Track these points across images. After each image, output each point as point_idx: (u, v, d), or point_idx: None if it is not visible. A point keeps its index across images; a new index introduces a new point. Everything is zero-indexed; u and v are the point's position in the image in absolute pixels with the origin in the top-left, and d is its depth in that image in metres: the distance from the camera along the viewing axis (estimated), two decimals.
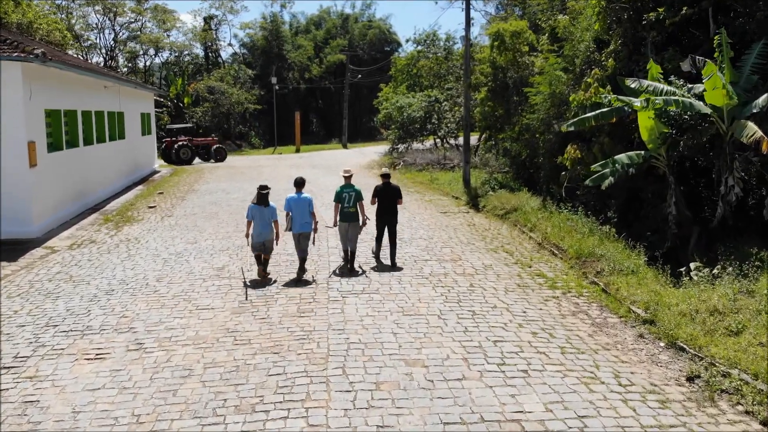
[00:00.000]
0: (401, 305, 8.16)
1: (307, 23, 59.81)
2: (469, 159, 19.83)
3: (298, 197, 9.66)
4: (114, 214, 16.14)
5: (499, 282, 9.48)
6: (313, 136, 53.43)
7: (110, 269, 10.41)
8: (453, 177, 22.30)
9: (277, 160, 34.71)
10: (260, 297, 8.61)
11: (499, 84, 18.89)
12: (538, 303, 8.57)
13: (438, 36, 36.34)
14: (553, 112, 16.24)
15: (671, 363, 6.88)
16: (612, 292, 9.02)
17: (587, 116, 12.37)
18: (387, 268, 10.20)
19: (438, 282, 9.34)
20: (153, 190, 20.95)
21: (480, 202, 16.85)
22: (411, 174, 25.21)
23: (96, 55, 46.77)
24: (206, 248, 11.87)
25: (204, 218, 15.34)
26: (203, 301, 8.43)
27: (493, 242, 12.42)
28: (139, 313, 8.00)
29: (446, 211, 16.29)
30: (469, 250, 11.67)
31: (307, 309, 8.01)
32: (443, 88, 32.96)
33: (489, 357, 6.54)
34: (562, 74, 16.04)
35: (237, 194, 19.56)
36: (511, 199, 15.71)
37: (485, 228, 13.99)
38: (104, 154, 19.41)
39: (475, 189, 18.53)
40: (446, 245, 12.07)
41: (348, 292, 8.76)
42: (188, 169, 29.40)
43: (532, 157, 18.59)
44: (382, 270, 10.08)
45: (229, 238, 12.77)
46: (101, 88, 19.38)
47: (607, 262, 10.02)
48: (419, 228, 13.82)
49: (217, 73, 46.11)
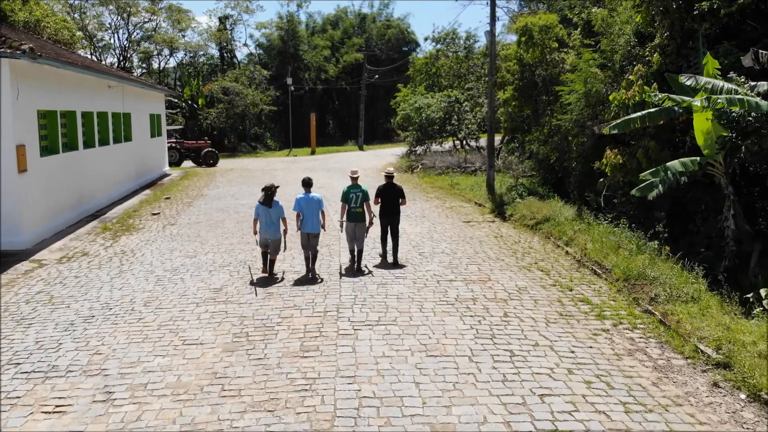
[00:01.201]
0: (424, 342, 6.87)
1: (323, 23, 58.74)
2: (493, 163, 18.47)
3: (308, 197, 9.69)
4: (114, 222, 15.10)
5: (538, 310, 8.15)
6: (329, 138, 52.29)
7: (96, 289, 9.29)
8: (475, 182, 20.94)
9: (291, 162, 33.64)
10: (259, 327, 7.38)
11: (527, 82, 17.52)
12: (587, 338, 7.23)
13: (458, 34, 35.04)
14: (588, 113, 14.84)
15: (759, 422, 5.53)
16: (672, 324, 7.64)
17: (633, 117, 10.96)
18: (399, 279, 8.95)
19: (466, 310, 8.03)
20: (160, 195, 19.95)
21: (507, 211, 15.49)
22: (430, 178, 23.90)
23: (111, 56, 46.26)
24: (206, 264, 10.71)
25: (208, 227, 14.22)
26: (192, 333, 7.22)
27: (524, 258, 11.08)
28: (117, 349, 6.83)
29: (470, 221, 14.97)
30: (498, 267, 10.34)
31: (312, 346, 6.75)
32: (463, 88, 31.61)
33: (537, 420, 5.22)
34: (598, 71, 14.63)
35: (246, 200, 18.45)
36: (542, 207, 14.33)
37: (514, 240, 12.65)
38: (108, 157, 18.42)
39: (500, 195, 17.17)
40: (472, 261, 10.77)
41: (361, 323, 7.48)
42: (200, 172, 28.44)
43: (562, 161, 17.19)
44: (399, 292, 8.82)
45: (233, 252, 11.61)
46: (105, 87, 18.40)
47: (661, 286, 8.64)
48: (441, 240, 12.52)
49: (232, 74, 45.13)
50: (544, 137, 17.35)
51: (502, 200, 16.57)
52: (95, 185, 17.05)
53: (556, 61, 17.63)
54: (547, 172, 19.60)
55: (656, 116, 10.85)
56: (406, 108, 31.12)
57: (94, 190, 17.02)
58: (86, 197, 16.24)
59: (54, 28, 26.99)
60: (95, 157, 17.19)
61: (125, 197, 19.45)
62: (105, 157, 18.15)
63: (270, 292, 8.86)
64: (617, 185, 13.34)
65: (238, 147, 44.17)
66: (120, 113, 20.09)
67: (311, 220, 9.58)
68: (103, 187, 17.80)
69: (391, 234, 10.53)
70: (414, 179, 24.44)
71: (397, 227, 10.55)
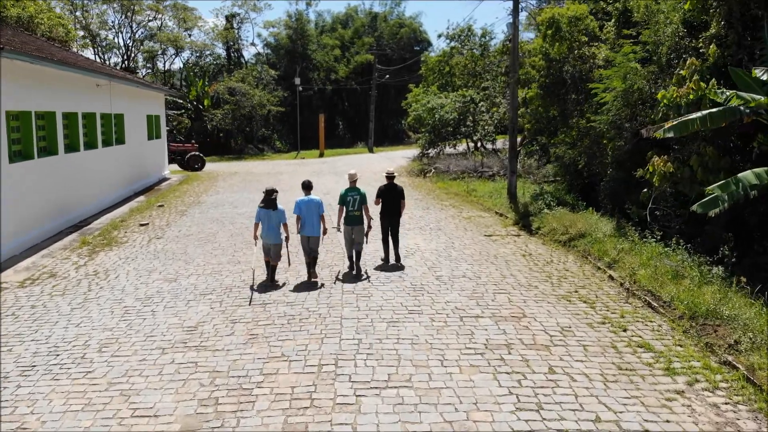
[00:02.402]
0: (449, 417, 5.19)
1: (333, 22, 57.16)
2: (515, 168, 16.73)
3: (308, 200, 9.47)
4: (95, 235, 13.59)
5: (590, 361, 6.46)
6: (339, 140, 50.64)
7: (50, 325, 7.74)
8: (494, 188, 19.22)
9: (298, 165, 32.08)
10: (233, 390, 5.71)
11: (554, 79, 15.77)
12: (659, 407, 5.54)
13: (473, 31, 33.25)
14: (626, 113, 13.11)
15: None
16: (763, 384, 5.93)
17: (691, 118, 9.25)
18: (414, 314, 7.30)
19: (500, 363, 6.35)
20: (154, 202, 18.46)
21: (533, 222, 13.78)
22: (444, 183, 22.20)
23: (115, 56, 45.04)
24: (185, 290, 9.12)
25: (198, 242, 12.67)
26: (147, 397, 5.60)
27: (561, 284, 9.39)
28: (46, 421, 5.23)
29: (492, 234, 13.28)
30: (532, 297, 8.66)
31: (300, 423, 5.10)
32: (479, 88, 29.87)
33: None
34: (638, 66, 12.90)
35: (245, 208, 16.91)
36: (575, 220, 12.60)
37: (546, 260, 10.96)
38: (96, 161, 16.94)
39: (525, 205, 15.45)
40: (500, 288, 9.09)
41: (365, 384, 5.79)
42: (201, 176, 26.96)
43: (591, 166, 15.46)
44: (414, 335, 7.17)
45: (219, 274, 10.02)
46: (93, 86, 16.93)
47: (741, 329, 6.92)
48: (461, 260, 10.85)
49: (238, 74, 43.61)
50: (572, 140, 15.61)
51: (527, 210, 14.86)
52: (81, 192, 15.58)
53: (586, 56, 15.88)
54: (574, 178, 17.86)
55: (719, 117, 9.15)
56: (418, 108, 29.46)
57: (80, 197, 15.55)
58: (69, 206, 14.76)
59: (48, 25, 25.68)
60: (80, 162, 15.72)
61: (116, 204, 17.97)
62: (92, 161, 16.67)
63: (255, 334, 7.24)
64: (663, 196, 11.61)
65: (245, 149, 42.68)
66: (110, 114, 18.62)
67: (311, 223, 9.40)
68: (91, 194, 16.32)
69: (392, 234, 10.46)
70: (427, 184, 22.76)
71: (397, 228, 10.49)
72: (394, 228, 10.44)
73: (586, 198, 16.48)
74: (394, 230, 10.45)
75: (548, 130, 16.60)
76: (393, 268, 10.19)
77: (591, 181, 17.13)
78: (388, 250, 10.48)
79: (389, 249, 10.47)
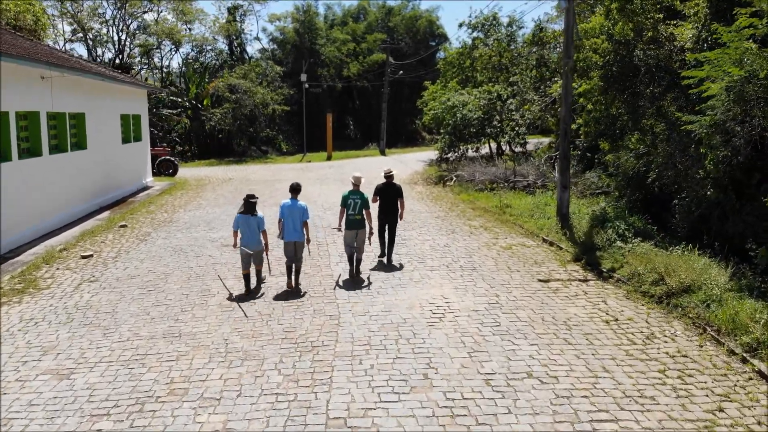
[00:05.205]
0: None
1: (344, 15, 53.62)
2: (568, 182, 12.98)
3: (292, 204, 9.12)
4: (14, 275, 10.14)
5: None
6: (349, 141, 46.97)
7: None
8: (535, 204, 15.53)
9: (302, 171, 28.55)
10: None
11: (623, 66, 12.01)
12: None
13: (498, 19, 29.50)
14: (737, 111, 9.37)
15: None
16: None
17: None
18: None
19: None
20: (117, 221, 15.02)
21: (601, 261, 10.11)
22: (469, 195, 18.49)
23: (108, 51, 41.87)
24: (72, 402, 5.58)
25: (140, 291, 9.16)
26: None
27: (688, 388, 5.72)
28: None
29: (548, 279, 9.61)
30: (654, 421, 5.00)
31: None
32: (506, 82, 26.17)
33: None
34: (754, 46, 9.18)
35: (222, 231, 13.42)
36: (671, 263, 8.86)
37: (642, 332, 7.28)
38: (38, 173, 13.52)
39: (585, 233, 11.74)
40: (596, 405, 5.46)
41: None
42: (190, 183, 23.56)
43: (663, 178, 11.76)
44: None
45: (144, 359, 6.46)
46: (36, 79, 13.52)
47: None
48: (516, 334, 7.20)
49: (240, 70, 40.12)
50: (646, 146, 11.87)
51: (590, 240, 11.17)
52: (11, 214, 12.14)
53: (662, 39, 12.13)
54: (635, 192, 14.13)
55: None
56: (436, 107, 25.86)
57: (14, 219, 12.13)
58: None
59: (14, 12, 22.45)
60: (13, 175, 12.30)
61: (68, 225, 14.54)
62: (33, 173, 13.22)
63: None
64: None
65: (248, 151, 39.23)
66: (64, 113, 15.19)
67: (293, 228, 9.04)
68: (27, 215, 12.88)
69: (388, 234, 10.52)
70: (448, 196, 19.07)
71: (394, 227, 10.55)
72: (391, 227, 10.52)
73: (657, 218, 12.80)
74: (391, 229, 10.53)
75: (612, 132, 12.82)
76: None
77: (660, 198, 13.41)
78: (384, 245, 10.60)
79: (384, 245, 10.57)
